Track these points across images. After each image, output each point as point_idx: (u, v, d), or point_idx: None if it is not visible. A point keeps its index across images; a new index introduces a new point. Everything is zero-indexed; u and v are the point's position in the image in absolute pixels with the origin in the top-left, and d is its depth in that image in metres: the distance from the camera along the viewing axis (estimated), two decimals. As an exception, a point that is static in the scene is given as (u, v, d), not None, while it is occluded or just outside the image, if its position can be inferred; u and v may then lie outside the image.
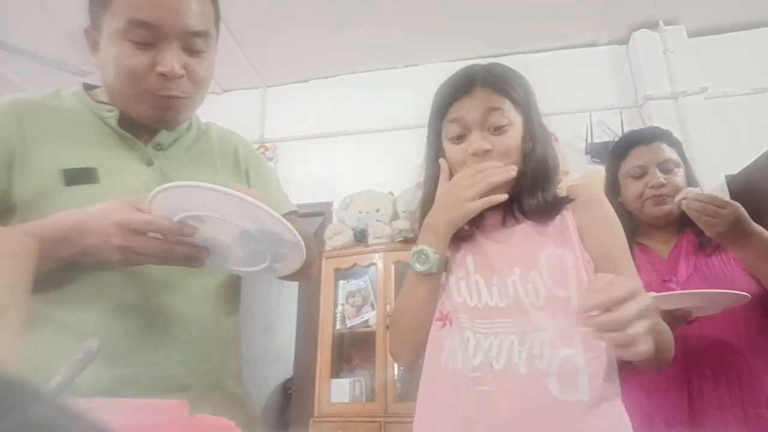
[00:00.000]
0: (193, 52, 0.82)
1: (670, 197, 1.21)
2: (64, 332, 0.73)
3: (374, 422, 2.45)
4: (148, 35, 0.77)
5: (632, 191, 1.28)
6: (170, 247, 0.68)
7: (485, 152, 0.84)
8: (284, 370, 4.11)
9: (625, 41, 3.19)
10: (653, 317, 0.65)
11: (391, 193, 2.99)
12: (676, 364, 0.89)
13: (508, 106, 0.86)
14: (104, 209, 0.68)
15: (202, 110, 0.94)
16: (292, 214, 1.01)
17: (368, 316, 2.71)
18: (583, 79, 3.14)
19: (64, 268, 0.71)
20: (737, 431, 1.04)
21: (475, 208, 0.82)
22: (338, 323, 2.76)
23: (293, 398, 3.35)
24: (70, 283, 0.75)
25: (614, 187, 1.34)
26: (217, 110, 1.42)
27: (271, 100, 3.64)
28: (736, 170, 2.63)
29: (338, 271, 2.83)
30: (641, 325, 0.61)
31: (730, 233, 1.06)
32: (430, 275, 0.85)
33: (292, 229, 0.66)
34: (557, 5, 2.94)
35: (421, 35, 3.17)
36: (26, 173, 0.76)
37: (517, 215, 0.88)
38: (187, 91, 0.83)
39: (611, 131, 2.94)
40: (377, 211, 2.88)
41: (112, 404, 0.49)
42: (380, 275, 2.71)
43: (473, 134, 0.86)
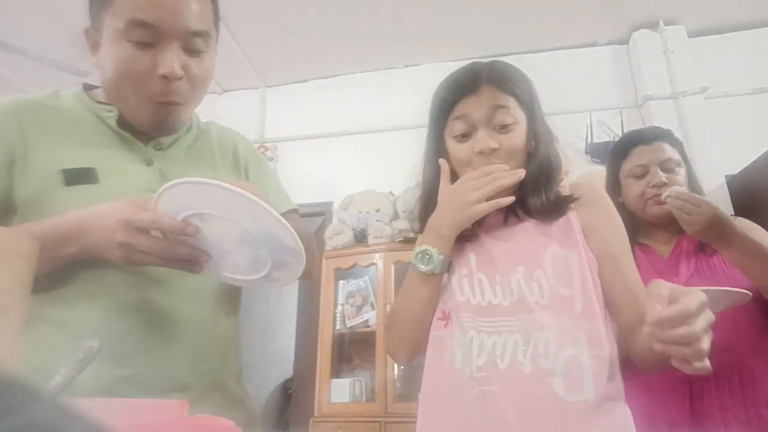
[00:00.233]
0: (193, 52, 0.82)
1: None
2: (64, 332, 0.73)
3: (374, 422, 2.44)
4: (148, 35, 0.77)
5: (633, 191, 1.28)
6: (171, 246, 0.68)
7: (492, 151, 0.83)
8: (284, 370, 4.10)
9: (625, 41, 3.19)
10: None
11: (391, 193, 2.99)
12: (677, 364, 0.89)
13: (513, 104, 0.85)
14: (109, 208, 0.68)
15: (202, 110, 0.94)
16: (292, 212, 1.00)
17: (368, 316, 2.71)
18: (583, 79, 3.14)
19: (64, 267, 0.71)
20: (738, 431, 1.04)
21: (481, 210, 0.81)
22: (338, 323, 2.76)
23: (293, 398, 3.35)
24: (70, 282, 0.75)
25: (615, 186, 1.34)
26: (217, 110, 1.42)
27: (271, 100, 3.64)
28: (736, 170, 2.63)
29: (338, 271, 2.82)
30: (709, 339, 0.59)
31: (708, 232, 1.06)
32: (432, 276, 0.84)
33: (293, 232, 0.66)
34: (557, 5, 2.94)
35: (421, 35, 3.17)
36: (26, 173, 0.77)
37: (519, 214, 0.88)
38: (186, 96, 0.83)
39: (611, 131, 2.94)
40: (377, 211, 2.88)
41: (112, 404, 0.49)
42: (380, 275, 2.71)
43: (479, 132, 0.84)
